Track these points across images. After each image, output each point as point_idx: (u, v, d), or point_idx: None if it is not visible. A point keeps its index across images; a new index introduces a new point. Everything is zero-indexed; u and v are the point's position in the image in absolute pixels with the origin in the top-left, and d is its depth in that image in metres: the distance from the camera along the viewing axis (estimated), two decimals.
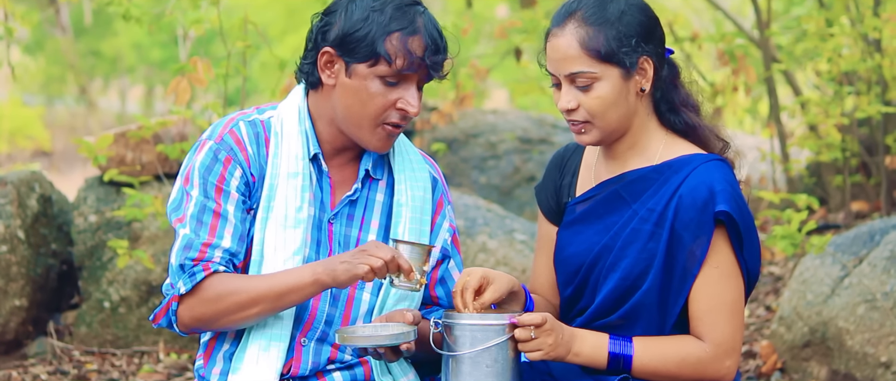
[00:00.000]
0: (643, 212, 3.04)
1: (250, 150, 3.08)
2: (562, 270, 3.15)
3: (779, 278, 6.11)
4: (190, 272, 2.99)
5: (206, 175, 3.05)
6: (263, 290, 2.97)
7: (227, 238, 3.02)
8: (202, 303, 2.99)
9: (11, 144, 14.88)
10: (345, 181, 3.14)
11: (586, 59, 2.98)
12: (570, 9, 3.02)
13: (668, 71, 3.08)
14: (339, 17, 3.02)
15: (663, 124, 3.10)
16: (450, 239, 3.22)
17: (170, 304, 3.02)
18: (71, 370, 5.21)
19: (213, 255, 3.00)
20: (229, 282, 2.99)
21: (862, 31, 6.05)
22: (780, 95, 7.57)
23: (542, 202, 3.24)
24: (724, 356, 3.01)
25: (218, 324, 3.01)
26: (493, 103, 16.33)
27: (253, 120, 3.12)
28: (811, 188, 6.92)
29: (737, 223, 2.97)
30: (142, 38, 16.68)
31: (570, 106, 3.01)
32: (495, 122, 8.02)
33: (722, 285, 3.00)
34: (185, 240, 3.01)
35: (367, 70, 3.00)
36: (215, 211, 3.02)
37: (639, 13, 3.02)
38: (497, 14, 15.16)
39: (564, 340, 2.95)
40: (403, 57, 2.99)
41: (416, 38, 3.00)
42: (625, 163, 3.10)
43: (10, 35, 5.69)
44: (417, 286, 2.95)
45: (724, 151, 3.10)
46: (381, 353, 2.99)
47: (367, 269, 2.90)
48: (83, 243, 5.52)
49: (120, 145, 5.49)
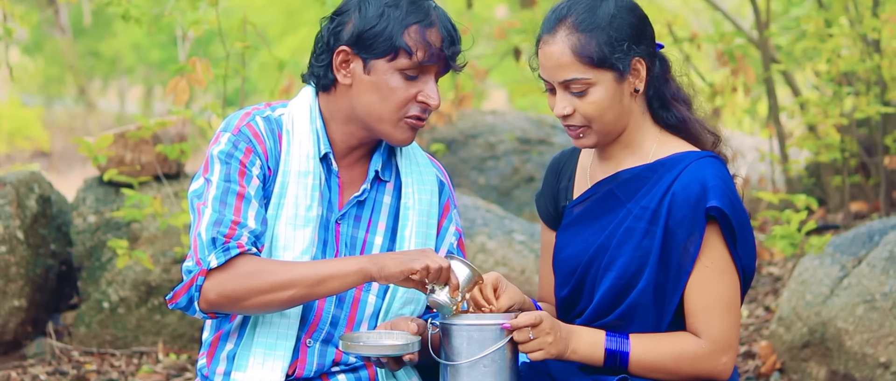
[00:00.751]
0: (637, 210, 3.04)
1: (268, 143, 3.08)
2: (559, 271, 3.16)
3: (778, 279, 6.11)
4: (223, 247, 2.94)
5: (228, 160, 3.04)
6: (302, 274, 2.94)
7: (251, 219, 2.99)
8: (234, 278, 2.94)
9: (10, 145, 14.89)
10: (353, 182, 3.15)
11: (579, 66, 2.98)
12: (560, 15, 3.02)
13: (660, 66, 3.08)
14: (352, 16, 3.04)
15: (656, 121, 3.11)
16: (456, 242, 3.23)
17: (195, 280, 2.96)
18: (70, 370, 5.21)
19: (241, 233, 2.97)
20: (265, 262, 2.96)
21: (861, 31, 6.06)
22: (780, 95, 7.58)
23: (542, 210, 3.26)
24: (720, 352, 3.01)
25: (244, 304, 2.96)
26: (492, 104, 16.34)
27: (267, 116, 3.12)
28: (810, 189, 6.92)
29: (729, 219, 2.97)
30: (141, 39, 16.68)
31: (565, 112, 3.02)
32: (494, 122, 8.02)
33: (716, 281, 3.00)
34: (214, 217, 2.98)
35: (386, 65, 3.02)
36: (239, 193, 3.01)
37: (629, 14, 3.02)
38: (496, 15, 15.16)
39: (562, 337, 2.95)
40: (423, 48, 3.01)
41: (433, 30, 3.03)
42: (619, 162, 3.11)
43: (9, 35, 5.69)
44: (453, 307, 2.93)
45: (715, 145, 3.10)
46: (383, 362, 2.99)
47: (424, 266, 2.89)
48: (82, 243, 5.51)
49: (119, 146, 5.49)
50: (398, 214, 3.16)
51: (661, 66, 3.09)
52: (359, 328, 3.10)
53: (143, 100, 19.97)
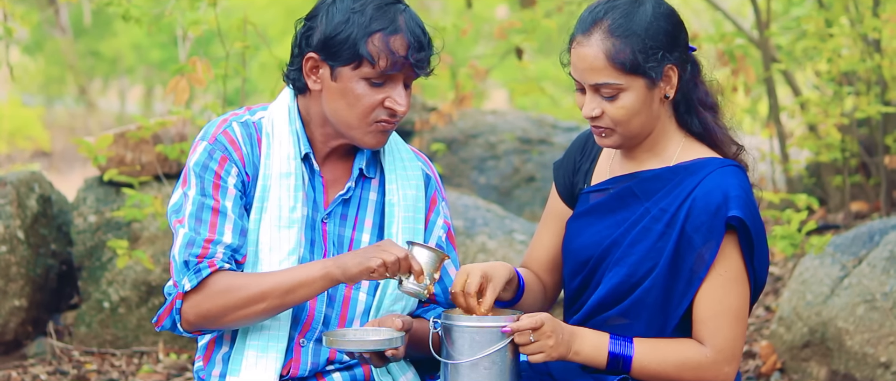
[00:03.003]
0: (655, 211, 3.03)
1: (244, 149, 3.07)
2: (570, 260, 3.15)
3: (778, 279, 6.11)
4: (195, 269, 2.98)
5: (203, 173, 3.04)
6: (272, 285, 2.96)
7: (227, 234, 3.01)
8: (208, 298, 2.97)
9: (11, 145, 14.87)
10: (337, 180, 3.14)
11: (612, 71, 2.96)
12: (597, 16, 2.99)
13: (690, 70, 3.07)
14: (320, 21, 3.01)
15: (681, 126, 3.09)
16: (444, 236, 3.22)
17: (174, 303, 3.00)
18: (70, 370, 5.21)
19: (215, 251, 2.99)
20: (236, 278, 2.98)
21: (861, 31, 6.06)
22: (780, 95, 7.58)
23: (559, 179, 3.23)
24: (724, 362, 3.00)
25: (223, 321, 2.99)
26: (492, 104, 16.33)
27: (245, 121, 3.12)
28: (811, 188, 6.92)
29: (749, 230, 2.97)
30: (141, 39, 16.67)
31: (594, 113, 3.01)
32: (495, 122, 8.02)
33: (728, 290, 3.00)
34: (187, 238, 3.00)
35: (351, 73, 3.00)
36: (214, 208, 3.02)
37: (665, 21, 3.00)
38: (497, 14, 15.16)
39: (565, 339, 2.95)
40: (386, 57, 2.98)
41: (398, 37, 2.98)
42: (641, 163, 3.10)
43: (9, 35, 5.69)
44: (425, 292, 2.94)
45: (738, 155, 3.09)
46: (367, 358, 2.99)
47: (380, 262, 2.90)
48: (83, 243, 5.51)
49: (119, 146, 5.49)
50: (384, 210, 3.16)
51: (693, 69, 3.08)
52: (350, 325, 3.10)
53: (144, 100, 19.95)
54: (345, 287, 3.10)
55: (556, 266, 3.23)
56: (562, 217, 3.21)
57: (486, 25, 14.24)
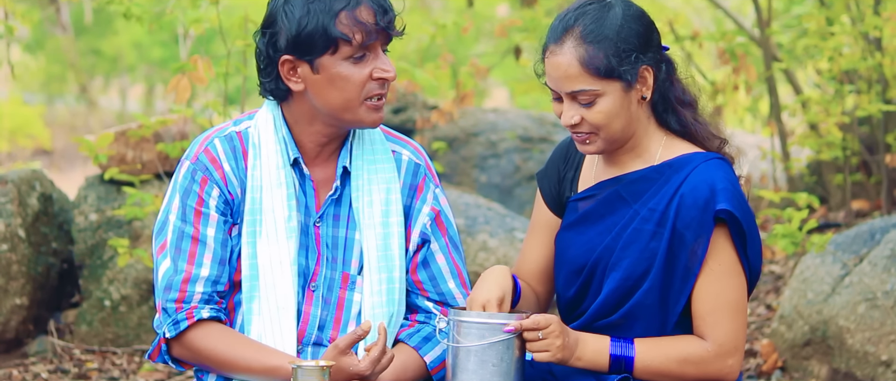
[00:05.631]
0: (644, 212, 3.04)
1: (227, 167, 3.08)
2: (564, 270, 3.15)
3: (779, 277, 6.11)
4: (173, 319, 3.02)
5: (185, 198, 3.07)
6: (241, 364, 3.00)
7: (205, 266, 3.03)
8: (187, 351, 3.05)
9: (12, 143, 14.88)
10: (327, 180, 3.14)
11: (587, 77, 2.97)
12: (568, 24, 3.00)
13: (665, 69, 3.07)
14: (281, 24, 3.01)
15: (661, 125, 3.10)
16: (429, 223, 3.18)
17: (160, 345, 3.07)
18: (71, 368, 5.21)
19: (193, 292, 3.02)
20: (210, 340, 3.02)
21: (862, 29, 6.06)
22: (781, 93, 7.57)
23: (545, 189, 3.23)
24: (726, 355, 3.00)
25: (207, 369, 3.08)
26: (493, 102, 16.32)
27: (229, 134, 3.12)
28: (812, 187, 6.91)
29: (739, 221, 2.97)
30: (142, 37, 16.67)
31: (573, 121, 3.01)
32: (496, 120, 8.02)
33: (724, 283, 3.00)
34: (165, 279, 3.04)
35: (331, 59, 3.00)
36: (193, 237, 3.04)
37: (636, 23, 3.00)
38: (497, 13, 15.16)
39: (570, 344, 2.96)
40: (360, 30, 2.98)
41: (361, 7, 2.99)
42: (625, 165, 3.10)
43: (10, 34, 5.69)
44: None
45: (721, 148, 3.10)
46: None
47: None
48: (84, 241, 5.52)
49: (120, 144, 5.49)
50: None
51: (667, 68, 3.08)
52: (346, 328, 3.11)
53: (145, 98, 19.95)
54: (339, 289, 3.11)
55: (547, 276, 3.23)
56: (550, 226, 3.21)
57: (487, 24, 14.23)
